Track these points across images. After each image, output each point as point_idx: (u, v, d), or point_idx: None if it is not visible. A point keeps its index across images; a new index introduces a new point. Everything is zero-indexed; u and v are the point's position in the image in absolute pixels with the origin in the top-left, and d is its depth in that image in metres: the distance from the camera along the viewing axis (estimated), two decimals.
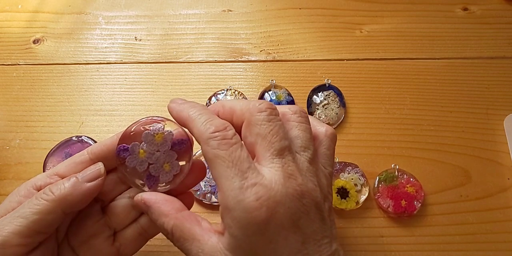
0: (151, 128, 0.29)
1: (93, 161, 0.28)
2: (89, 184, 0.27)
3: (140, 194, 0.27)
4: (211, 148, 0.24)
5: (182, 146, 0.29)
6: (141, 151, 0.28)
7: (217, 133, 0.24)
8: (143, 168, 0.28)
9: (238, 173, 0.23)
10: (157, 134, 0.28)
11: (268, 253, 0.23)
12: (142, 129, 0.28)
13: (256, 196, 0.22)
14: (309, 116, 0.29)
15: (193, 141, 0.29)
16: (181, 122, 0.27)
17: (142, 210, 0.28)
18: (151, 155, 0.28)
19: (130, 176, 0.28)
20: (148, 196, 0.27)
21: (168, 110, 0.28)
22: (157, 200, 0.27)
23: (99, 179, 0.27)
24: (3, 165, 0.41)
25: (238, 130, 0.26)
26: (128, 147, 0.28)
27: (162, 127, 0.29)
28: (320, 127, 0.29)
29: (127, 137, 0.28)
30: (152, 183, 0.29)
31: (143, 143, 0.28)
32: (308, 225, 0.23)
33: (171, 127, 0.29)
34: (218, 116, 0.27)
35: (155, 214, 0.26)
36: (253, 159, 0.25)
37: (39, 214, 0.25)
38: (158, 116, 0.29)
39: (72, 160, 0.29)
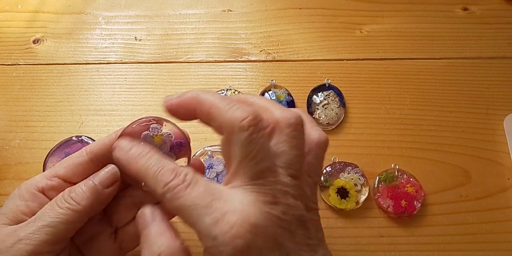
0: (150, 129, 0.29)
1: (92, 161, 0.28)
2: (109, 190, 0.27)
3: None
4: (169, 202, 0.23)
5: (181, 148, 0.29)
6: None
7: (167, 186, 0.23)
8: None
9: (203, 211, 0.21)
10: (156, 135, 0.29)
11: None
12: (141, 129, 0.28)
13: (229, 225, 0.21)
14: (305, 116, 0.28)
15: (190, 140, 0.30)
16: (133, 176, 0.25)
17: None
18: None
19: (129, 175, 0.28)
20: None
21: (114, 160, 0.27)
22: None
23: (117, 183, 0.28)
24: (3, 165, 0.41)
25: (219, 133, 0.25)
26: None
27: (161, 128, 0.29)
28: (313, 134, 0.27)
29: (126, 136, 0.28)
30: None
31: (142, 143, 0.28)
32: (291, 239, 0.22)
33: (170, 128, 0.29)
34: (194, 110, 0.25)
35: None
36: (228, 172, 0.24)
37: (67, 224, 0.26)
38: (157, 116, 0.29)
39: (71, 161, 0.29)
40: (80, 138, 0.41)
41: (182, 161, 0.29)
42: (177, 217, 0.25)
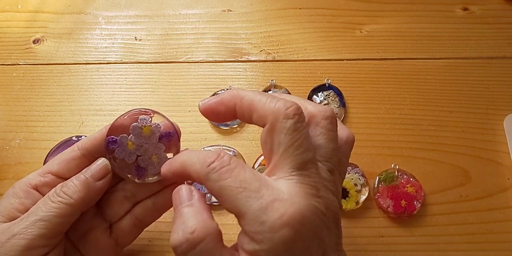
0: (139, 120, 0.29)
1: (85, 156, 0.29)
2: (100, 183, 0.28)
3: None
4: (214, 182, 0.22)
5: (169, 138, 0.29)
6: (130, 143, 0.29)
7: (213, 165, 0.22)
8: (132, 159, 0.29)
9: (251, 194, 0.21)
10: (144, 126, 0.29)
11: None
12: (130, 121, 0.29)
13: (279, 213, 0.20)
14: None
15: (180, 133, 0.30)
16: (179, 174, 0.25)
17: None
18: (139, 147, 0.29)
19: (120, 168, 0.29)
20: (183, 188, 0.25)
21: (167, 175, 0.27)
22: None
23: (108, 175, 0.28)
24: (3, 165, 0.41)
25: (260, 124, 0.24)
26: (116, 139, 0.29)
27: (150, 119, 0.29)
28: (341, 132, 0.27)
29: (115, 129, 0.29)
30: (141, 174, 0.29)
31: (131, 135, 0.29)
32: (328, 236, 0.22)
33: (159, 120, 0.29)
34: (235, 109, 0.25)
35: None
36: (269, 164, 0.24)
37: (61, 217, 0.26)
38: (146, 109, 0.30)
39: (63, 157, 0.29)
40: (80, 138, 0.41)
41: (171, 152, 0.30)
42: None
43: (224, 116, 0.26)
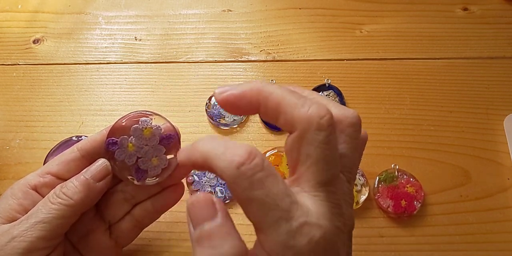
0: (140, 122, 0.29)
1: (84, 157, 0.29)
2: (100, 184, 0.27)
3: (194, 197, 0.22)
4: (242, 190, 0.19)
5: (170, 140, 0.29)
6: (130, 144, 0.29)
7: (243, 168, 0.19)
8: (132, 161, 0.29)
9: (282, 214, 0.19)
10: (145, 128, 0.29)
11: None
12: (131, 123, 0.29)
13: (308, 239, 0.19)
14: None
15: (180, 135, 0.30)
16: (200, 164, 0.22)
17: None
18: (140, 149, 0.29)
19: (119, 170, 0.29)
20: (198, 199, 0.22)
21: (180, 162, 0.24)
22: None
23: (108, 177, 0.28)
24: (3, 165, 0.41)
25: (286, 129, 0.22)
26: (117, 141, 0.29)
27: (151, 121, 0.29)
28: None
29: (116, 131, 0.29)
30: (140, 176, 0.29)
31: (132, 137, 0.29)
32: (344, 251, 0.21)
33: (160, 122, 0.29)
34: (258, 106, 0.22)
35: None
36: (293, 173, 0.22)
37: (61, 219, 0.26)
38: (147, 111, 0.29)
39: (63, 158, 0.29)
40: (80, 138, 0.41)
41: (171, 154, 0.30)
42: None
43: (244, 111, 0.23)
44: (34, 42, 0.49)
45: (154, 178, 0.29)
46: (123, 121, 0.29)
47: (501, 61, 0.46)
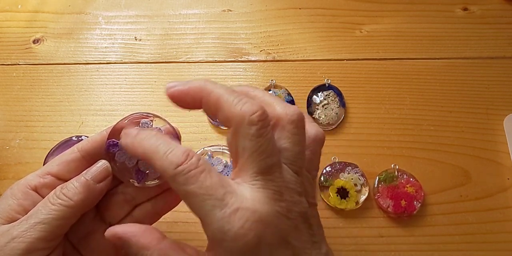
0: (140, 124, 0.29)
1: (84, 158, 0.29)
2: (101, 185, 0.27)
3: (111, 229, 0.24)
4: (179, 186, 0.22)
5: None
6: None
7: (180, 168, 0.22)
8: (132, 163, 0.29)
9: (215, 203, 0.21)
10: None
11: None
12: (132, 124, 0.29)
13: (242, 222, 0.21)
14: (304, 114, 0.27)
15: (181, 137, 0.30)
16: (141, 157, 0.25)
17: (117, 246, 0.26)
18: None
19: (120, 171, 0.29)
20: (123, 230, 0.24)
21: (123, 147, 0.26)
22: (134, 232, 0.24)
23: (109, 178, 0.28)
24: (3, 165, 0.41)
25: (225, 124, 0.24)
26: (117, 142, 0.28)
27: (151, 123, 0.29)
28: (310, 130, 0.27)
29: (116, 132, 0.28)
30: (141, 178, 0.29)
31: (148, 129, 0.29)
32: (297, 237, 0.23)
33: (160, 124, 0.29)
34: (201, 100, 0.25)
35: (134, 248, 0.24)
36: (235, 166, 0.24)
37: (61, 220, 0.26)
38: (147, 113, 0.29)
39: (63, 158, 0.29)
40: (80, 138, 0.41)
41: None
42: None
43: (188, 106, 0.25)
44: (34, 42, 0.49)
45: (155, 180, 0.29)
46: (123, 122, 0.29)
47: (501, 61, 0.46)
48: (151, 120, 0.29)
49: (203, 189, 0.21)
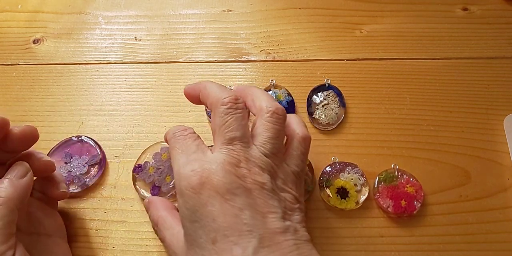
0: (160, 149, 0.39)
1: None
2: (25, 179, 0.30)
3: (148, 198, 0.35)
4: (170, 143, 0.31)
5: None
6: (151, 168, 0.38)
7: (178, 133, 0.31)
8: (150, 180, 0.37)
9: (184, 155, 0.29)
10: (164, 153, 0.38)
11: (205, 215, 0.26)
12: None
13: (192, 168, 0.27)
14: (295, 117, 0.33)
15: None
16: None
17: (146, 208, 0.35)
18: (157, 170, 0.37)
19: (139, 187, 0.38)
20: (152, 198, 0.35)
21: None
22: (157, 200, 0.34)
23: (29, 173, 0.31)
24: None
25: (209, 106, 0.31)
26: (141, 165, 0.38)
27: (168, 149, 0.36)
28: (295, 130, 0.32)
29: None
30: (156, 192, 0.37)
31: (152, 161, 0.38)
32: (248, 196, 0.26)
33: None
34: (199, 96, 0.32)
35: (152, 208, 0.34)
36: (214, 140, 0.30)
37: (2, 219, 0.27)
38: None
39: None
40: (80, 138, 0.41)
41: None
42: None
43: (197, 100, 0.33)
44: (34, 42, 0.49)
45: (167, 193, 0.37)
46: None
47: (501, 61, 0.46)
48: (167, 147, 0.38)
49: (182, 146, 0.30)
